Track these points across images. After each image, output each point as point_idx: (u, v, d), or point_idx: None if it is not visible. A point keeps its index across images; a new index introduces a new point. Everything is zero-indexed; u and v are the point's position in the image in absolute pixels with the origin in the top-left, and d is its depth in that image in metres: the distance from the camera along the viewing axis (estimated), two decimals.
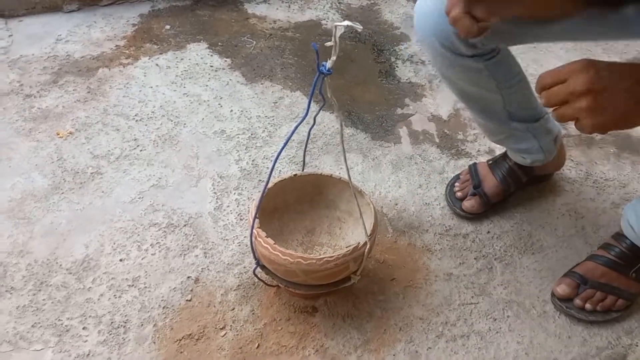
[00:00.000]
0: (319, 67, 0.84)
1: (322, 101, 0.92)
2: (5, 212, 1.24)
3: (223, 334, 1.08)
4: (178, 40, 1.76)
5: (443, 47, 1.05)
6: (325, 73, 0.85)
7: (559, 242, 1.30)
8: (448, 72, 1.13)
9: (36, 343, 1.04)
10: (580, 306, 1.14)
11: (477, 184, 1.31)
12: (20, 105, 1.49)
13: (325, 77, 0.85)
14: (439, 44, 1.05)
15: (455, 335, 1.10)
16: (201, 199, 1.31)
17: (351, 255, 1.00)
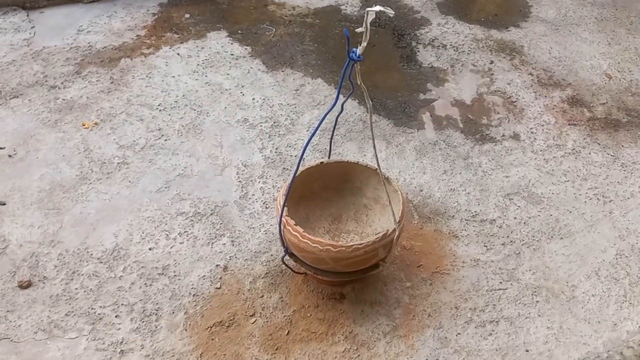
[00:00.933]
0: (350, 53, 0.83)
1: (351, 88, 0.92)
2: (35, 202, 1.25)
3: (253, 321, 1.09)
4: (198, 28, 1.76)
5: None
6: (356, 59, 0.84)
7: (586, 226, 1.29)
8: None
9: (70, 331, 1.05)
10: None
11: None
12: (45, 96, 1.50)
13: (355, 64, 0.85)
14: None
15: (484, 321, 1.10)
16: (226, 188, 1.32)
17: (380, 242, 1.00)
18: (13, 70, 1.57)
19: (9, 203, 1.25)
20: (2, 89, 1.51)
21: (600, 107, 1.59)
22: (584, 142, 1.48)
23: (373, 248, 1.00)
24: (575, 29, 1.87)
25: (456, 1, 1.95)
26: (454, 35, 1.82)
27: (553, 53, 1.76)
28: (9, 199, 1.26)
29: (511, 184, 1.36)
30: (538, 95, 1.61)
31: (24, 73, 1.57)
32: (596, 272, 1.19)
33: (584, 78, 1.69)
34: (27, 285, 1.12)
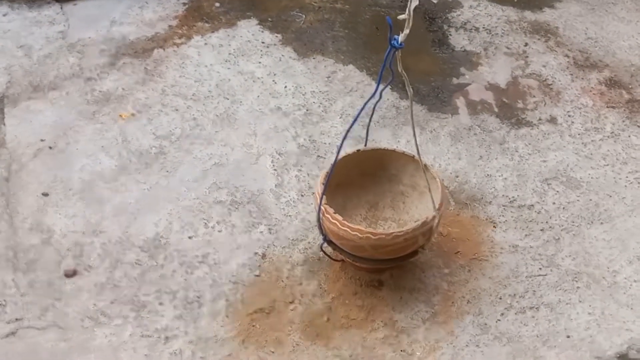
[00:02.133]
0: (391, 40, 0.83)
1: (391, 75, 0.91)
2: (77, 193, 1.28)
3: (292, 307, 1.10)
4: (228, 17, 1.76)
5: None
6: (397, 47, 0.84)
7: (627, 211, 1.26)
8: None
9: (116, 318, 1.08)
10: None
11: None
12: (82, 88, 1.53)
13: (396, 51, 0.84)
14: None
15: (524, 307, 1.10)
16: (262, 176, 1.33)
17: (420, 230, 1.00)
18: (50, 63, 1.60)
19: (52, 194, 1.28)
20: (41, 82, 1.54)
21: (639, 89, 1.55)
22: (623, 124, 1.45)
23: (413, 235, 1.00)
24: (612, 8, 1.82)
25: None
26: (486, 18, 1.79)
27: (589, 34, 1.72)
28: (52, 190, 1.29)
29: (549, 169, 1.34)
30: (575, 78, 1.58)
31: (61, 66, 1.60)
32: (638, 257, 1.18)
33: (621, 59, 1.65)
34: (72, 274, 1.15)
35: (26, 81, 1.54)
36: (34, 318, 1.08)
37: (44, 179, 1.31)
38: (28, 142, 1.39)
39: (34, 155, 1.36)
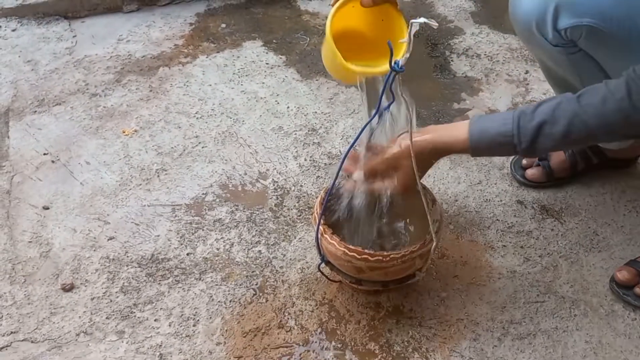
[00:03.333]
0: (392, 64, 0.84)
1: (391, 98, 0.92)
2: (77, 207, 1.29)
3: (288, 328, 1.10)
4: (234, 38, 1.79)
5: (537, 26, 1.06)
6: (398, 70, 0.85)
7: (625, 240, 1.27)
8: (536, 48, 1.16)
9: (111, 334, 1.08)
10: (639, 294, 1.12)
11: (544, 156, 1.34)
12: (86, 104, 1.55)
13: (397, 75, 0.85)
14: (534, 22, 1.06)
15: (521, 334, 1.09)
16: (262, 195, 1.33)
17: (418, 252, 1.01)
18: (56, 78, 1.62)
19: (52, 207, 1.29)
20: (46, 97, 1.56)
21: None
22: None
23: (410, 257, 1.00)
24: None
25: (490, 11, 1.95)
26: (488, 45, 1.81)
27: None
28: (52, 203, 1.30)
29: (547, 195, 1.35)
30: None
31: (66, 81, 1.62)
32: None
33: None
34: (69, 288, 1.15)
35: (32, 95, 1.56)
36: (30, 331, 1.08)
37: (45, 192, 1.32)
38: (31, 155, 1.40)
39: (36, 169, 1.37)
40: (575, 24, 1.01)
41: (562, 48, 1.09)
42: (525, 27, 1.10)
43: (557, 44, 1.08)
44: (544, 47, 1.11)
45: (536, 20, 1.06)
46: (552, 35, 1.06)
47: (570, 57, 1.11)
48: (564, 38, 1.06)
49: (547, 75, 1.29)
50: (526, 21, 1.09)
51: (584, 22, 1.00)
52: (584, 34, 1.03)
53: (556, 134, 0.90)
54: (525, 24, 1.10)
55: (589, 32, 1.02)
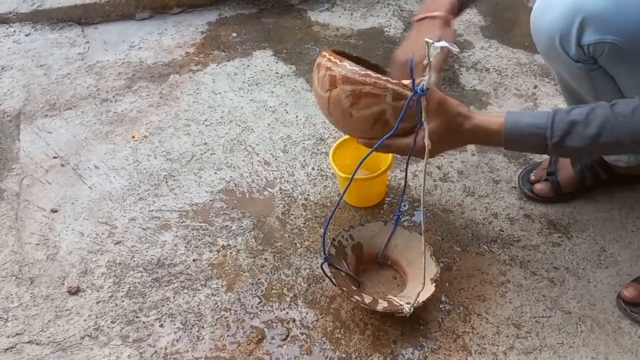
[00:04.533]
0: (414, 87, 0.83)
1: (418, 122, 0.91)
2: (85, 211, 1.30)
3: (293, 337, 1.09)
4: (244, 47, 1.81)
5: (560, 41, 1.06)
6: (420, 94, 0.84)
7: (633, 256, 1.26)
8: (556, 62, 1.15)
9: (116, 338, 1.08)
10: None
11: (552, 171, 1.34)
12: (97, 109, 1.56)
13: (420, 98, 0.85)
14: (558, 36, 1.06)
15: (527, 348, 1.09)
16: (269, 203, 1.34)
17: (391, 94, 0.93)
18: (67, 83, 1.64)
19: (60, 211, 1.30)
20: (57, 101, 1.58)
21: None
22: None
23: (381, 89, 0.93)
24: None
25: (500, 25, 1.95)
26: (497, 59, 1.82)
27: None
28: (61, 206, 1.31)
29: (555, 210, 1.34)
30: None
31: (78, 86, 1.63)
32: None
33: None
34: (75, 291, 1.15)
35: (43, 99, 1.58)
36: (35, 333, 1.08)
37: (54, 195, 1.33)
38: (41, 159, 1.41)
39: (45, 172, 1.38)
40: (599, 41, 1.01)
41: (582, 64, 1.08)
42: (548, 41, 1.09)
43: (579, 59, 1.07)
44: (565, 61, 1.10)
45: (560, 34, 1.05)
46: (575, 51, 1.06)
47: (590, 73, 1.10)
48: (586, 54, 1.05)
49: (562, 87, 1.28)
50: (550, 34, 1.07)
51: (607, 39, 1.00)
52: (606, 51, 1.02)
53: (587, 135, 0.94)
54: (548, 37, 1.08)
55: (611, 50, 1.01)
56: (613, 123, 0.93)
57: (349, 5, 2.04)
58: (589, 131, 0.94)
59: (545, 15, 1.08)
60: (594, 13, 1.00)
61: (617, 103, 0.95)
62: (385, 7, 2.04)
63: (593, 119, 0.94)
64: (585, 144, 0.95)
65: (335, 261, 1.12)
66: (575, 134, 0.95)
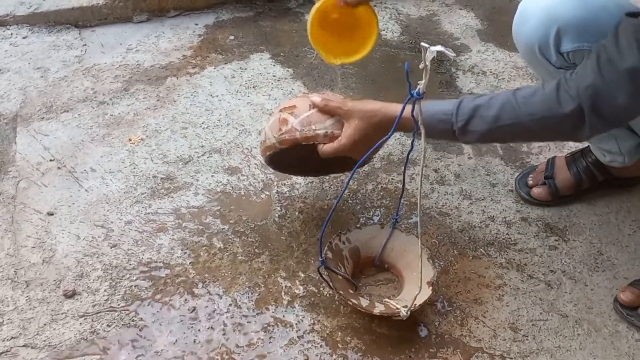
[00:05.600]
0: (411, 90, 0.84)
1: (416, 126, 0.91)
2: (82, 214, 1.29)
3: (291, 340, 1.09)
4: (242, 50, 1.81)
5: (540, 50, 1.10)
6: (416, 97, 0.84)
7: (630, 259, 1.26)
8: (539, 69, 1.18)
9: (112, 342, 1.08)
10: None
11: (549, 175, 1.34)
12: (94, 111, 1.56)
13: (416, 101, 0.85)
14: (537, 46, 1.09)
15: (523, 352, 1.09)
16: (266, 206, 1.34)
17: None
18: (64, 86, 1.63)
19: (57, 214, 1.29)
20: (54, 103, 1.57)
21: None
22: None
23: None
24: None
25: (496, 29, 1.96)
26: (493, 63, 1.82)
27: None
28: (57, 209, 1.30)
29: (552, 213, 1.35)
30: None
31: (75, 89, 1.63)
32: None
33: None
34: (71, 295, 1.15)
35: (40, 102, 1.58)
36: (30, 337, 1.07)
37: (50, 198, 1.32)
38: (37, 161, 1.41)
39: (42, 175, 1.38)
40: (578, 48, 1.04)
41: (565, 70, 1.10)
42: (529, 50, 1.13)
43: (561, 66, 1.10)
44: (548, 68, 1.13)
45: (539, 43, 1.09)
46: (555, 58, 1.09)
47: None
48: (567, 61, 1.08)
49: None
50: (529, 44, 1.12)
51: (585, 46, 1.04)
52: (585, 57, 1.04)
53: (488, 117, 0.97)
54: (528, 47, 1.12)
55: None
56: (513, 104, 0.95)
57: None
58: (490, 113, 0.96)
59: (523, 26, 1.12)
60: (569, 22, 1.03)
61: (521, 88, 0.98)
62: (382, 11, 2.04)
63: (495, 102, 0.96)
64: (488, 126, 0.97)
65: (332, 264, 1.12)
66: (477, 117, 0.97)
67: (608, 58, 0.88)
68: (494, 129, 0.98)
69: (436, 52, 0.76)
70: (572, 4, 1.03)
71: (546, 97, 0.94)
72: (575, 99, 0.91)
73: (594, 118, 0.91)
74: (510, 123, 0.97)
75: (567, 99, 0.92)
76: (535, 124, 0.97)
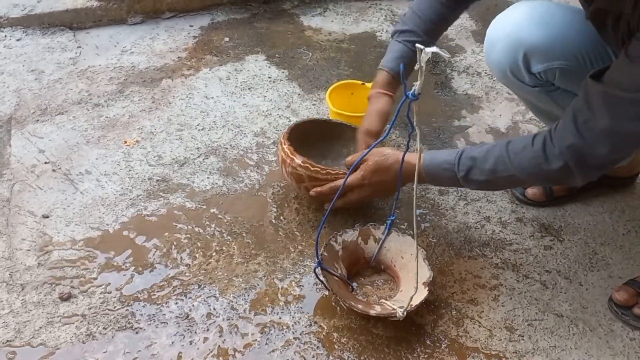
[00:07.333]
0: (406, 91, 0.84)
1: (410, 127, 0.92)
2: (77, 216, 1.29)
3: (287, 342, 1.09)
4: (237, 52, 1.81)
5: (512, 73, 1.14)
6: (412, 99, 0.84)
7: (624, 259, 1.27)
8: (516, 90, 1.22)
9: (108, 344, 1.07)
10: (638, 314, 1.13)
11: None
12: (89, 114, 1.55)
13: (411, 102, 0.85)
14: (508, 69, 1.14)
15: (519, 352, 1.09)
16: (262, 208, 1.34)
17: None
18: (59, 88, 1.63)
19: (52, 216, 1.29)
20: (48, 106, 1.57)
21: None
22: None
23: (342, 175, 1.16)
24: None
25: None
26: None
27: None
28: (52, 212, 1.30)
29: (547, 214, 1.35)
30: None
31: (69, 91, 1.63)
32: None
33: None
34: (67, 297, 1.14)
35: (34, 104, 1.57)
36: (26, 339, 1.07)
37: (45, 201, 1.32)
38: (32, 164, 1.40)
39: (37, 177, 1.37)
40: (548, 68, 1.08)
41: (540, 88, 1.15)
42: (501, 74, 1.17)
43: (535, 84, 1.14)
44: (524, 89, 1.17)
45: (510, 67, 1.13)
46: (528, 79, 1.13)
47: (551, 94, 1.16)
48: (540, 79, 1.11)
49: (534, 111, 1.33)
50: (500, 69, 1.16)
51: (554, 65, 1.07)
52: (558, 75, 1.09)
53: (485, 169, 1.03)
54: (500, 71, 1.16)
55: (562, 72, 1.08)
56: (505, 159, 1.01)
57: (341, 10, 2.04)
58: (487, 166, 1.02)
59: (492, 53, 1.16)
60: (534, 45, 1.07)
61: (512, 141, 1.02)
62: (377, 12, 2.05)
63: (490, 155, 1.02)
64: (487, 177, 1.03)
65: (329, 265, 1.12)
66: (476, 169, 1.03)
67: (584, 120, 0.92)
68: (493, 179, 1.04)
69: (431, 53, 0.76)
70: (534, 27, 1.07)
71: (534, 154, 0.98)
72: (560, 158, 0.95)
73: (582, 170, 0.96)
74: (506, 175, 1.02)
75: (553, 158, 0.96)
76: (528, 177, 1.03)
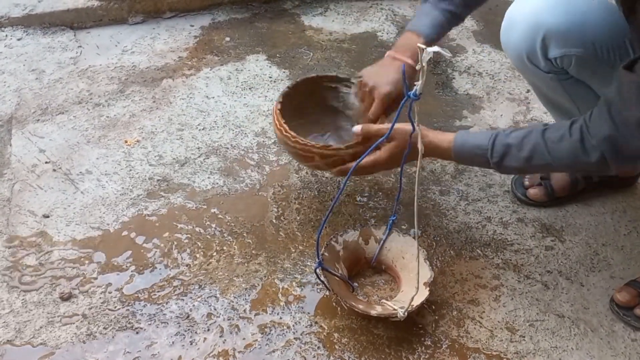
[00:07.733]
0: (407, 91, 0.84)
1: (412, 128, 0.91)
2: (77, 216, 1.29)
3: (288, 342, 1.09)
4: (238, 51, 1.80)
5: (528, 56, 1.13)
6: (413, 98, 0.84)
7: (626, 260, 1.26)
8: (529, 75, 1.22)
9: (109, 344, 1.07)
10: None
11: (545, 176, 1.35)
12: (89, 113, 1.55)
13: (412, 102, 0.85)
14: (525, 52, 1.13)
15: (520, 352, 1.09)
16: (263, 208, 1.33)
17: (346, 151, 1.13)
18: (60, 88, 1.63)
19: (52, 216, 1.29)
20: (49, 105, 1.57)
21: None
22: None
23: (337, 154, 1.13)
24: None
25: (492, 30, 1.96)
26: (489, 64, 1.83)
27: None
28: (53, 212, 1.30)
29: (548, 214, 1.35)
30: None
31: (70, 90, 1.62)
32: None
33: None
34: (67, 297, 1.14)
35: (35, 104, 1.57)
36: (27, 339, 1.07)
37: (45, 200, 1.32)
38: (33, 163, 1.40)
39: (37, 177, 1.37)
40: (565, 54, 1.07)
41: (554, 75, 1.14)
42: (517, 58, 1.16)
43: (550, 71, 1.14)
44: (538, 74, 1.16)
45: (527, 51, 1.12)
46: (544, 64, 1.12)
47: (563, 83, 1.15)
48: (556, 66, 1.10)
49: (543, 101, 1.32)
50: (517, 52, 1.15)
51: (572, 52, 1.07)
52: (574, 63, 1.08)
53: (521, 157, 1.01)
54: (516, 54, 1.16)
55: (577, 61, 1.07)
56: (542, 148, 0.99)
57: (343, 10, 2.04)
58: (522, 154, 1.01)
59: (510, 34, 1.15)
60: (554, 29, 1.06)
61: (549, 128, 1.01)
62: (378, 12, 2.04)
63: (526, 142, 1.01)
64: (521, 164, 1.02)
65: (329, 266, 1.12)
66: (511, 155, 1.02)
67: (619, 111, 0.92)
68: (528, 167, 1.03)
69: (432, 53, 0.76)
70: (555, 11, 1.06)
71: (573, 145, 0.97)
72: (597, 149, 0.95)
73: (619, 161, 0.96)
74: (542, 164, 1.01)
75: (591, 149, 0.95)
76: (565, 167, 1.04)
